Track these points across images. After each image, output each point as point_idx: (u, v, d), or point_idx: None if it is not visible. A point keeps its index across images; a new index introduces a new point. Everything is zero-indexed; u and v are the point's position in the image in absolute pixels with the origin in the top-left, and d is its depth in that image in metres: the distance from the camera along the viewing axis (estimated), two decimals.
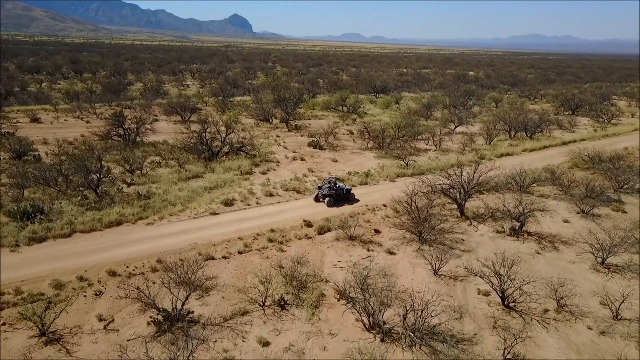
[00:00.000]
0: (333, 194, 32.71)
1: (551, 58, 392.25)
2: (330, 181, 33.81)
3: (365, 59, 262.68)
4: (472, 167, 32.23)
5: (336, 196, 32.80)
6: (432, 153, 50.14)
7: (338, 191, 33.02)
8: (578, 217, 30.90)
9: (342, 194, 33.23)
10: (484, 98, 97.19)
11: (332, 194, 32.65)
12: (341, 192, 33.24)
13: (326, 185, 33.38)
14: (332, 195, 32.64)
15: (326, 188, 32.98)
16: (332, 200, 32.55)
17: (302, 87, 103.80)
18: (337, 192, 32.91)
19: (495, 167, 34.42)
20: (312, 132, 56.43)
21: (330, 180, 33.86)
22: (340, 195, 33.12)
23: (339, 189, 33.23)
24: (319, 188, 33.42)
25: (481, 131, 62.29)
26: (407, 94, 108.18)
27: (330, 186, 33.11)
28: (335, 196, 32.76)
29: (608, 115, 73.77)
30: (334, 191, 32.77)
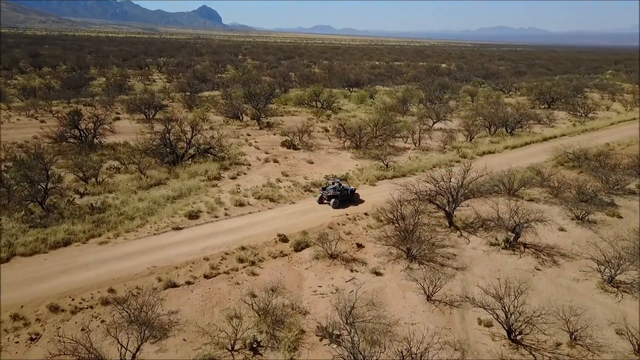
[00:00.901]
0: (338, 195, 31.65)
1: (519, 50, 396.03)
2: (334, 182, 32.83)
3: (337, 52, 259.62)
4: (460, 171, 29.65)
5: (341, 197, 31.70)
6: (411, 152, 47.69)
7: (343, 192, 31.95)
8: (573, 224, 28.78)
9: (346, 194, 32.23)
10: (458, 91, 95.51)
11: (337, 195, 31.58)
12: (346, 192, 32.24)
13: (331, 187, 32.39)
14: (338, 197, 31.56)
15: (331, 189, 31.98)
16: (338, 202, 31.43)
17: (274, 81, 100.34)
18: (342, 193, 31.83)
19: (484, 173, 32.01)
20: (285, 130, 53.33)
21: (335, 182, 32.86)
22: (345, 196, 32.08)
23: (344, 189, 32.22)
24: (323, 189, 32.41)
25: (460, 127, 60.26)
26: (381, 87, 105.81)
27: (335, 187, 32.09)
28: (340, 197, 31.66)
29: (585, 109, 72.73)
30: (339, 192, 31.72)
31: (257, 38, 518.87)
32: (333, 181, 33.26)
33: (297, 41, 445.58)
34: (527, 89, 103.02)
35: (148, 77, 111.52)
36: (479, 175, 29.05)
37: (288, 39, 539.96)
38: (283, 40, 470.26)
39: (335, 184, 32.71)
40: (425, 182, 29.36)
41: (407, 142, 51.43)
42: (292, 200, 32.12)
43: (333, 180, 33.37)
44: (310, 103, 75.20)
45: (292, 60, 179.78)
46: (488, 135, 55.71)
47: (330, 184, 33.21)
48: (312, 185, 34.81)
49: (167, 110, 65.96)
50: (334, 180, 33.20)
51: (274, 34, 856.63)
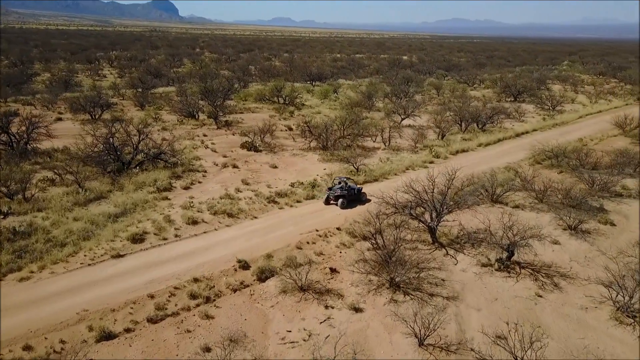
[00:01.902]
0: (346, 194, 30.49)
1: (476, 42, 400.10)
2: (340, 181, 31.87)
3: (297, 44, 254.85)
4: (441, 178, 26.55)
5: (348, 197, 30.56)
6: (382, 152, 44.48)
7: (350, 191, 30.82)
8: (566, 235, 26.10)
9: (353, 194, 31.08)
10: (423, 84, 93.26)
11: (344, 195, 30.43)
12: (353, 192, 31.10)
13: (338, 186, 31.26)
14: (345, 196, 30.41)
15: (338, 189, 30.86)
16: (346, 202, 30.26)
17: (233, 75, 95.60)
18: (348, 193, 30.69)
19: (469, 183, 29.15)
20: (245, 129, 49.22)
21: (341, 181, 31.87)
22: (352, 196, 30.94)
23: (351, 189, 31.04)
24: (330, 189, 31.30)
25: (430, 123, 57.59)
26: (343, 81, 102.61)
27: (342, 186, 30.97)
28: (348, 197, 30.52)
29: (552, 103, 71.40)
30: (346, 192, 30.58)
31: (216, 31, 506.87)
32: (339, 180, 32.10)
33: (256, 34, 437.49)
34: (491, 81, 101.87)
35: (98, 72, 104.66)
36: (465, 185, 25.89)
37: (247, 31, 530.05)
38: (242, 32, 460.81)
39: (341, 183, 31.49)
40: (404, 193, 26.08)
41: (375, 140, 48.22)
42: (253, 215, 28.28)
43: (339, 179, 32.21)
44: (271, 99, 71.13)
45: (251, 53, 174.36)
46: (460, 132, 53.14)
47: (337, 184, 31.92)
48: (277, 196, 31.02)
49: (116, 109, 60.74)
50: (340, 179, 32.08)
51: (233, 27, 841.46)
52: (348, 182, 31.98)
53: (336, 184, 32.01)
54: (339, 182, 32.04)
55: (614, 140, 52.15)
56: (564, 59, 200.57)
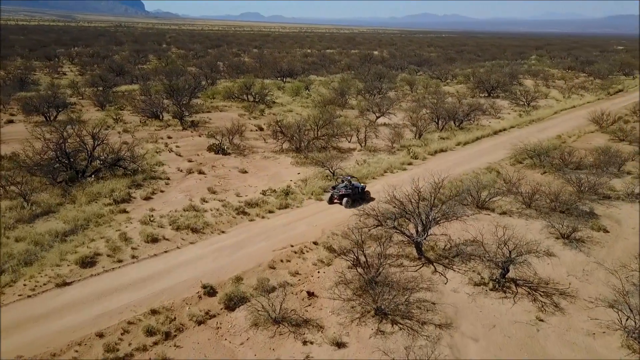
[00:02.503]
0: (350, 193, 29.91)
1: (444, 36, 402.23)
2: (344, 180, 31.22)
3: (266, 39, 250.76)
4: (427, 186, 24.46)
5: (352, 196, 29.99)
6: (358, 154, 42.26)
7: (354, 190, 30.23)
8: (560, 245, 24.31)
9: (357, 192, 30.49)
10: (395, 80, 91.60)
11: (349, 194, 29.86)
12: (357, 191, 30.52)
13: (342, 185, 30.64)
14: (350, 195, 29.85)
15: (342, 188, 30.26)
16: (351, 201, 29.67)
17: (200, 72, 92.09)
18: (353, 192, 30.10)
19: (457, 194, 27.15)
20: (212, 130, 46.38)
21: (344, 179, 31.20)
22: (356, 195, 30.34)
23: (354, 187, 30.47)
24: (333, 188, 30.73)
25: (406, 121, 55.68)
26: (315, 77, 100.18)
27: (346, 185, 30.35)
28: (352, 196, 29.95)
29: (527, 98, 70.48)
30: (350, 190, 29.98)
31: (183, 26, 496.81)
32: (343, 179, 31.55)
33: (225, 29, 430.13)
34: (463, 76, 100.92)
35: (57, 70, 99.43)
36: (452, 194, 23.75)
37: (216, 26, 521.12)
38: (210, 28, 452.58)
39: (344, 182, 30.85)
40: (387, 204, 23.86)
41: (351, 141, 45.97)
42: (221, 229, 25.59)
43: (342, 178, 31.68)
44: (240, 96, 68.11)
45: (220, 49, 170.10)
46: (437, 130, 51.33)
47: (340, 182, 31.31)
48: (247, 206, 28.39)
49: (74, 110, 56.94)
50: (344, 178, 31.47)
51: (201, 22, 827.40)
52: (352, 180, 31.27)
53: (339, 183, 31.32)
54: (342, 181, 31.29)
55: (591, 137, 51.22)
56: (532, 53, 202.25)
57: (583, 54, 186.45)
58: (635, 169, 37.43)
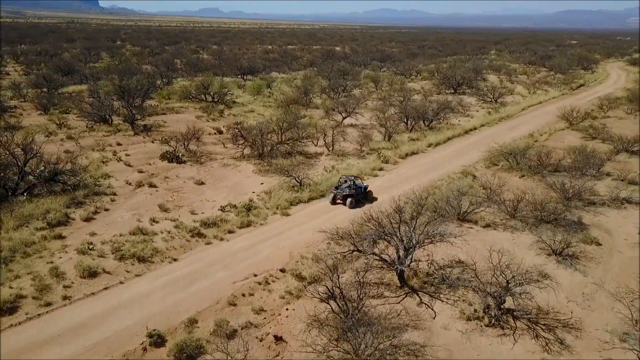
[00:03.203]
0: (354, 194, 29.41)
1: (405, 32, 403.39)
2: (347, 180, 30.69)
3: (226, 35, 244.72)
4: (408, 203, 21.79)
5: (356, 196, 29.55)
6: (325, 159, 39.39)
7: (357, 190, 29.77)
8: (553, 263, 22.06)
9: (360, 193, 30.12)
10: (359, 77, 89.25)
11: (353, 194, 29.35)
12: (360, 191, 30.13)
13: (345, 185, 30.07)
14: (354, 196, 29.35)
15: (346, 188, 29.70)
16: (354, 201, 29.22)
17: (156, 70, 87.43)
18: (356, 192, 29.62)
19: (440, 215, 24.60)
20: (167, 135, 42.66)
21: (348, 179, 30.67)
22: (360, 195, 29.95)
23: (357, 187, 30.04)
24: (336, 188, 30.06)
25: (373, 121, 53.17)
26: (277, 74, 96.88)
27: (350, 186, 29.83)
28: (356, 196, 29.50)
29: (494, 94, 69.17)
30: (354, 191, 29.46)
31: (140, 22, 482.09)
32: (346, 179, 30.87)
33: (183, 25, 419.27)
34: (428, 72, 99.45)
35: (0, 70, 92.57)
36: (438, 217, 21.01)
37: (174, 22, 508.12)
38: (168, 24, 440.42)
39: (347, 182, 30.35)
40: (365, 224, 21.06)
41: (317, 144, 43.04)
42: (172, 257, 22.20)
43: (346, 178, 30.95)
44: (198, 96, 64.14)
45: (178, 45, 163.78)
46: (406, 131, 48.96)
47: (343, 182, 30.61)
48: (203, 226, 25.08)
49: (14, 113, 52.02)
50: (347, 178, 30.84)
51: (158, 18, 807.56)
52: (356, 180, 30.71)
53: (342, 183, 30.62)
54: (344, 181, 30.66)
55: (563, 135, 49.92)
56: (491, 48, 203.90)
57: (540, 48, 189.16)
58: (615, 170, 35.88)
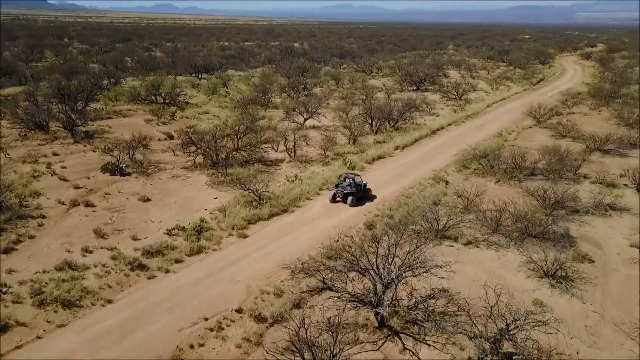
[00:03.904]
0: (355, 192, 28.94)
1: (362, 27, 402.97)
2: (347, 177, 30.20)
3: (181, 32, 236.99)
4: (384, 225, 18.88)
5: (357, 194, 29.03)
6: (287, 166, 36.17)
7: (357, 188, 29.25)
8: (546, 288, 19.64)
9: (360, 190, 29.55)
10: (319, 74, 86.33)
11: (354, 192, 28.89)
12: (360, 188, 29.58)
13: (346, 183, 29.63)
14: (354, 194, 28.88)
15: (347, 186, 29.24)
16: (355, 199, 28.70)
17: (104, 69, 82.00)
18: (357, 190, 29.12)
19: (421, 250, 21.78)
20: (111, 143, 38.56)
21: (348, 177, 30.15)
22: (360, 193, 29.42)
23: (357, 185, 29.52)
24: (337, 186, 29.58)
25: (336, 122, 50.35)
26: (234, 72, 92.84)
27: (351, 184, 29.37)
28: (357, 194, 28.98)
29: (458, 91, 67.47)
30: (354, 189, 29.00)
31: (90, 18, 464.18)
32: (346, 176, 30.35)
33: (137, 21, 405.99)
34: (389, 68, 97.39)
35: None
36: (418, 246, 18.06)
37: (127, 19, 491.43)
38: (121, 20, 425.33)
39: (347, 179, 29.92)
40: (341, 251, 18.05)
41: (277, 149, 39.79)
42: (106, 298, 18.56)
43: (346, 176, 30.41)
44: (148, 98, 59.65)
45: (129, 43, 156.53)
46: (371, 133, 46.25)
47: (343, 180, 30.17)
48: (145, 255, 21.51)
49: None
50: (348, 175, 30.27)
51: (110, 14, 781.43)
52: (355, 178, 30.00)
53: (341, 181, 30.09)
54: (344, 179, 30.18)
55: (532, 133, 48.36)
56: (449, 43, 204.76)
57: (496, 43, 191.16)
58: (592, 172, 34.19)
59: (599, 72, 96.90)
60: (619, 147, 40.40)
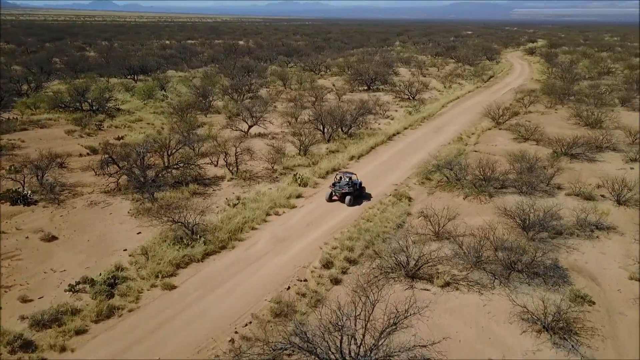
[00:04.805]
0: (353, 191, 28.60)
1: (309, 24, 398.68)
2: (342, 177, 29.69)
3: (120, 30, 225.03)
4: None
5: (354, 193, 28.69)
6: (228, 186, 31.30)
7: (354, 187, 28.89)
8: (547, 345, 15.83)
9: (356, 189, 29.13)
10: (265, 74, 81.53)
11: (352, 192, 28.55)
12: (356, 187, 29.17)
13: (344, 183, 29.12)
14: (352, 193, 28.54)
15: (345, 185, 28.79)
16: (352, 199, 28.43)
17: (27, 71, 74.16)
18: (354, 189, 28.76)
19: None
20: (18, 162, 32.61)
21: (345, 176, 29.59)
22: (356, 191, 29.01)
23: (354, 184, 29.15)
24: (334, 185, 29.18)
25: (284, 128, 45.88)
26: (174, 72, 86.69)
27: (349, 183, 28.93)
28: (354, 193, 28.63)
29: (411, 91, 64.30)
30: (352, 189, 28.65)
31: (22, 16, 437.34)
32: (343, 175, 29.80)
33: (72, 19, 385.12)
34: (338, 67, 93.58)
35: None
36: (393, 323, 13.78)
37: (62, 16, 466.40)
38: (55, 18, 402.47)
39: (342, 178, 29.43)
40: None
41: (218, 163, 34.83)
42: None
43: (342, 175, 29.89)
44: (73, 104, 53.00)
45: (61, 42, 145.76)
46: (323, 140, 41.97)
47: (339, 179, 29.54)
48: (34, 327, 16.24)
49: None
50: (345, 174, 29.73)
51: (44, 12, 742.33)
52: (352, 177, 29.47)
53: (339, 180, 29.39)
54: (340, 179, 29.54)
55: (492, 136, 45.48)
56: (395, 39, 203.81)
57: (441, 39, 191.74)
58: (565, 182, 31.25)
59: (546, 69, 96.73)
60: (587, 151, 37.91)
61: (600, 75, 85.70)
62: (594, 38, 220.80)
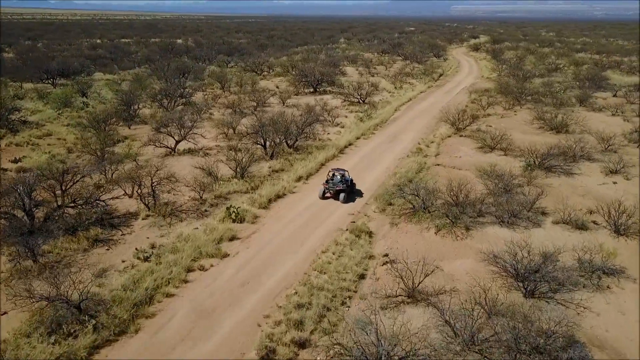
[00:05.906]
0: (346, 188, 28.04)
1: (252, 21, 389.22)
2: (335, 174, 28.99)
3: (48, 29, 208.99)
4: None
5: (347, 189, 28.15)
6: (142, 227, 24.71)
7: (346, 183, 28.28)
8: None
9: (348, 185, 28.48)
10: (202, 75, 74.53)
11: (346, 189, 28.01)
12: (347, 183, 28.51)
13: (338, 180, 28.36)
14: (346, 190, 27.99)
15: (339, 183, 28.15)
16: (346, 196, 27.90)
17: None
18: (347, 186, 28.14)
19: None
20: None
21: (338, 172, 28.94)
22: (349, 188, 28.42)
23: (345, 180, 28.56)
24: (327, 182, 28.45)
25: (219, 142, 39.59)
26: (102, 75, 78.20)
27: (342, 180, 28.26)
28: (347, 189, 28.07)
29: (362, 94, 59.14)
30: (345, 186, 28.07)
31: None
32: (334, 172, 29.09)
33: None
34: (281, 67, 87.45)
35: None
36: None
37: None
38: None
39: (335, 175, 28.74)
40: None
41: (133, 195, 28.09)
42: None
43: (334, 171, 29.19)
44: None
45: None
46: (265, 158, 35.90)
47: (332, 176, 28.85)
48: None
49: None
50: (337, 171, 29.05)
51: None
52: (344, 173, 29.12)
53: (332, 177, 28.95)
54: (332, 176, 29.11)
55: (453, 145, 40.78)
56: (340, 36, 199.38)
57: (385, 35, 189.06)
58: (549, 206, 26.66)
59: (495, 66, 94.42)
60: (563, 163, 33.79)
61: (549, 72, 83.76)
62: (532, 34, 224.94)
